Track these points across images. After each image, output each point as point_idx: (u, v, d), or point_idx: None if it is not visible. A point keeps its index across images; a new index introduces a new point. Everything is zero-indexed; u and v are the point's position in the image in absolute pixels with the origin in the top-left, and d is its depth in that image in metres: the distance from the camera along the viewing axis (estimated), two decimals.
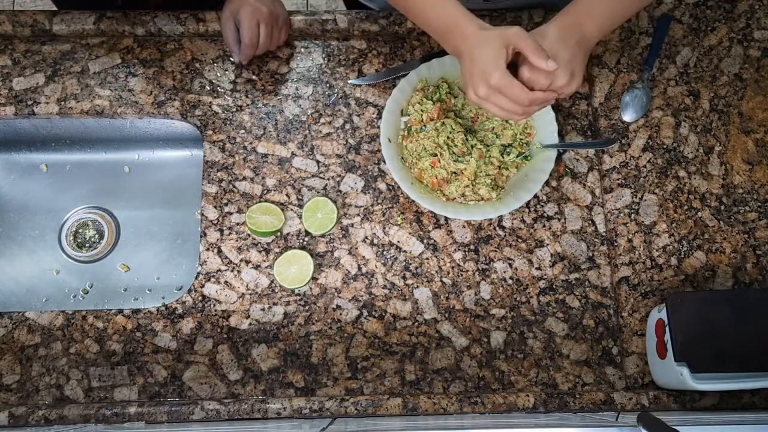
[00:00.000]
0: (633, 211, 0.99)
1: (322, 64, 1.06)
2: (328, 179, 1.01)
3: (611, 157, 1.02)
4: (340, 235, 0.98)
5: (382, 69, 1.06)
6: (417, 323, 0.95)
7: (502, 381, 0.93)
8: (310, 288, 0.96)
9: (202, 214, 0.99)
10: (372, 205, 1.00)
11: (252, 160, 1.01)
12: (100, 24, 1.04)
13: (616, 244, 0.98)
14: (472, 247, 0.98)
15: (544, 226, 0.99)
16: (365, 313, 0.95)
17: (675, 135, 1.03)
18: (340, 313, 0.95)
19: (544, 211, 1.00)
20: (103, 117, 1.03)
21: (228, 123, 1.03)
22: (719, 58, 1.06)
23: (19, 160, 1.13)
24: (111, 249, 1.12)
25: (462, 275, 0.97)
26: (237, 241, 0.98)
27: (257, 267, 0.97)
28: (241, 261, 0.97)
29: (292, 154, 1.02)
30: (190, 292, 0.95)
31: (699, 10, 1.09)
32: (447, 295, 0.96)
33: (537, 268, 0.97)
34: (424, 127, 0.97)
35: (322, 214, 0.97)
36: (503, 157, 0.99)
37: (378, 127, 1.03)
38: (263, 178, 1.00)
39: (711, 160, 1.02)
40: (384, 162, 1.00)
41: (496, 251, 0.98)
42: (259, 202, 0.99)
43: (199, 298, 0.95)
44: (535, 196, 1.00)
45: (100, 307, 1.08)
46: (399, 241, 0.98)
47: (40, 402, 0.90)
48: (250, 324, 0.94)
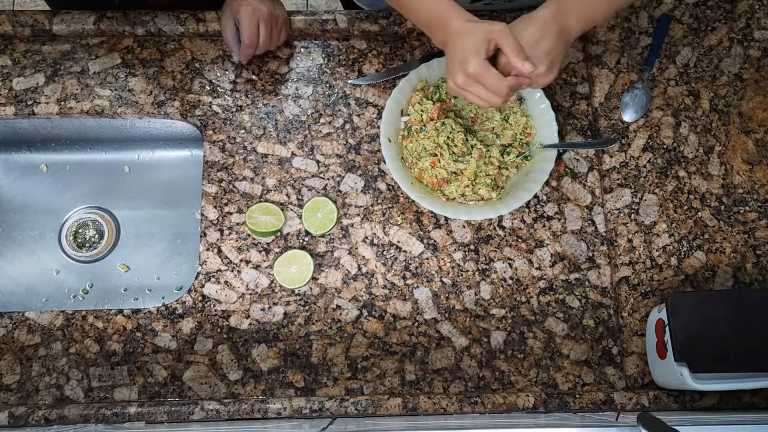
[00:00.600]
0: (633, 211, 0.99)
1: (322, 64, 1.06)
2: (328, 179, 1.01)
3: (611, 157, 1.02)
4: (340, 235, 0.98)
5: (382, 69, 1.06)
6: (417, 323, 0.95)
7: (502, 381, 0.93)
8: (310, 288, 0.96)
9: (202, 214, 0.99)
10: (372, 205, 1.00)
11: (252, 160, 1.01)
12: (100, 24, 1.04)
13: (616, 244, 0.98)
14: (472, 247, 0.98)
15: (544, 226, 0.99)
16: (365, 313, 0.95)
17: (675, 135, 1.03)
18: (340, 313, 0.95)
19: (544, 211, 1.00)
20: (103, 117, 1.03)
21: (228, 123, 1.03)
22: (719, 58, 1.06)
23: (19, 160, 1.13)
24: (111, 249, 1.12)
25: (462, 275, 0.97)
26: (237, 241, 0.97)
27: (257, 267, 0.96)
28: (241, 261, 0.97)
29: (292, 154, 1.02)
30: (190, 292, 0.95)
31: (699, 10, 1.09)
32: (447, 295, 0.96)
33: (537, 268, 0.97)
34: (424, 127, 0.97)
35: (322, 214, 0.97)
36: (503, 157, 0.99)
37: (378, 127, 1.03)
38: (263, 178, 1.00)
39: (711, 160, 1.02)
40: (384, 162, 1.00)
41: (496, 251, 0.98)
42: (259, 202, 0.99)
43: (199, 298, 0.95)
44: (535, 196, 1.00)
45: (100, 307, 1.08)
46: (399, 241, 0.98)
47: (40, 402, 0.90)
48: (250, 324, 0.94)
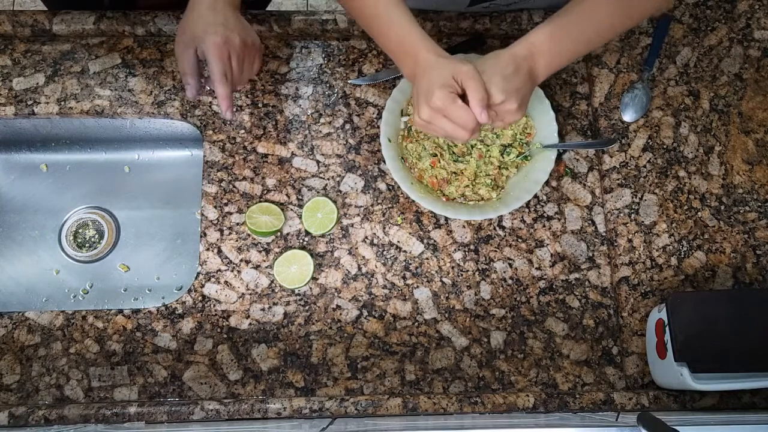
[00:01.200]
0: (633, 211, 0.99)
1: (322, 64, 1.06)
2: (328, 179, 1.01)
3: (611, 157, 1.02)
4: (340, 235, 0.98)
5: (382, 69, 1.06)
6: (417, 323, 0.95)
7: (502, 381, 0.93)
8: (310, 288, 0.96)
9: (202, 214, 0.99)
10: (372, 205, 1.00)
11: (252, 160, 1.01)
12: (100, 24, 1.04)
13: (616, 244, 0.98)
14: (472, 247, 0.98)
15: (544, 226, 0.99)
16: (365, 313, 0.95)
17: (675, 135, 1.03)
18: (340, 313, 0.95)
19: (544, 211, 1.00)
20: (103, 117, 1.03)
21: (228, 123, 1.02)
22: (719, 58, 1.06)
23: (19, 160, 1.13)
24: (111, 249, 1.12)
25: (462, 275, 0.97)
26: (237, 241, 0.97)
27: (257, 267, 0.96)
28: (241, 261, 0.97)
29: (292, 154, 1.02)
30: (190, 292, 0.95)
31: (699, 10, 1.09)
32: (447, 295, 0.96)
33: (537, 268, 0.97)
34: None
35: (322, 214, 0.97)
36: (503, 157, 0.99)
37: (378, 127, 1.03)
38: (263, 178, 1.00)
39: (711, 160, 1.02)
40: (384, 162, 1.00)
41: (496, 251, 0.98)
42: (259, 202, 0.99)
43: (199, 298, 0.95)
44: (535, 196, 1.00)
45: (100, 307, 1.08)
46: (399, 241, 0.98)
47: (40, 402, 0.90)
48: (250, 324, 0.94)
